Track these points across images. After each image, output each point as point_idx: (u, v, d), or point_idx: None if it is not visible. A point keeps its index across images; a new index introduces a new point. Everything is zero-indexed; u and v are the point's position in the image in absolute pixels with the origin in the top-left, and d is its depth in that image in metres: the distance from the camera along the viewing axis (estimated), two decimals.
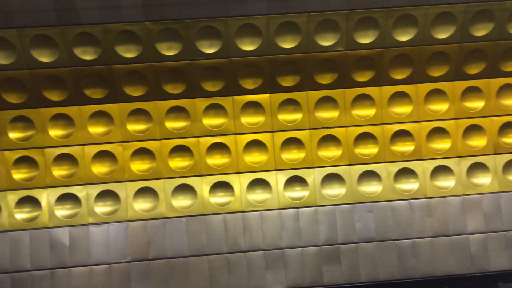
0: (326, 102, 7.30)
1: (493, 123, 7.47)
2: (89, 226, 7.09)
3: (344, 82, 7.23)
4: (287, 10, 6.60)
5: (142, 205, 7.18)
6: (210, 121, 7.25)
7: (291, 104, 7.27)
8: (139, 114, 7.10)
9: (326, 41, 6.89)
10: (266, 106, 7.23)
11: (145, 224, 7.14)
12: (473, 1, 6.81)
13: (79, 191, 7.09)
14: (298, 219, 7.27)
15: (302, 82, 7.17)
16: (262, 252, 7.21)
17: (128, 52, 6.69)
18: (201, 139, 7.21)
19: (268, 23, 6.65)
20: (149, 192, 7.17)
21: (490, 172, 7.44)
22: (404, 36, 6.97)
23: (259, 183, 7.31)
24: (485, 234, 7.36)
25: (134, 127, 7.16)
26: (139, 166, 7.19)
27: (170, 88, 7.04)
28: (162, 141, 7.14)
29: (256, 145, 7.28)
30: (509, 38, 7.13)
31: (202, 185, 7.23)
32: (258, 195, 7.32)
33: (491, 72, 7.36)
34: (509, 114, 7.50)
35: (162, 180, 7.19)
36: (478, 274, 7.36)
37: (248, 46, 6.80)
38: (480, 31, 7.05)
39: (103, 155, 7.10)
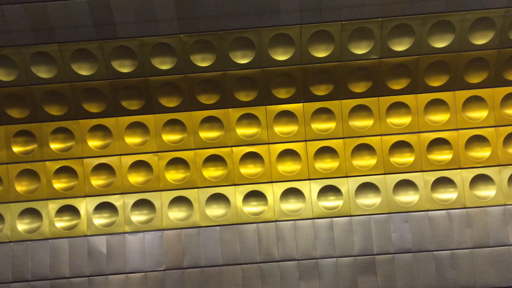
0: (360, 110, 7.46)
1: None
2: (125, 234, 7.49)
3: (379, 90, 7.38)
4: (320, 19, 6.83)
5: (176, 214, 7.53)
6: (244, 131, 7.53)
7: (324, 113, 7.47)
8: (174, 124, 7.45)
9: (360, 49, 7.07)
10: (299, 115, 7.46)
11: (180, 233, 7.50)
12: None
13: (116, 200, 7.51)
14: (332, 229, 7.46)
15: (335, 91, 7.37)
16: (296, 262, 7.42)
17: (164, 64, 7.06)
18: (234, 148, 7.51)
19: (301, 33, 6.90)
20: (183, 201, 7.51)
21: None
22: (440, 43, 7.07)
23: (293, 193, 7.53)
24: None
25: (169, 137, 7.50)
26: (173, 175, 7.54)
27: (204, 99, 7.37)
28: (196, 151, 7.47)
29: (289, 154, 7.51)
30: None
31: (236, 194, 7.54)
32: (292, 205, 7.55)
33: None
34: None
35: (196, 189, 7.52)
36: None
37: (281, 56, 7.05)
38: None
39: (139, 165, 7.49)
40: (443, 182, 7.50)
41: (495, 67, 7.27)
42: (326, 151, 7.52)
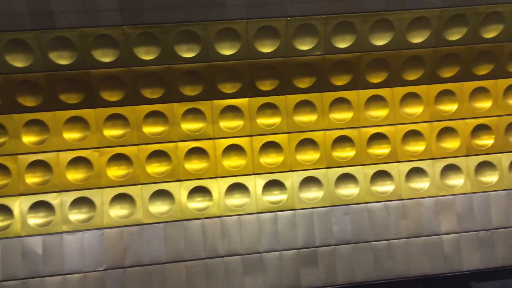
0: (305, 106, 7.80)
1: (466, 126, 8.12)
2: (63, 234, 7.34)
3: (322, 86, 7.74)
4: (266, 14, 7.01)
5: (118, 211, 7.49)
6: (189, 126, 7.62)
7: (270, 108, 7.73)
8: (116, 119, 7.38)
9: (305, 45, 7.36)
10: (245, 110, 7.66)
11: (122, 231, 7.46)
12: (447, 6, 7.39)
13: (53, 199, 7.33)
14: (276, 223, 7.76)
15: (280, 86, 7.64)
16: (240, 256, 7.66)
17: (105, 57, 6.95)
18: (179, 144, 7.58)
19: (247, 27, 7.05)
20: (125, 199, 7.49)
21: (463, 174, 8.10)
22: (380, 41, 7.50)
23: (238, 188, 7.75)
24: (458, 234, 8.01)
25: (111, 132, 7.43)
26: (115, 172, 7.49)
27: (148, 93, 7.37)
28: (139, 146, 7.46)
29: (234, 149, 7.72)
30: (482, 42, 7.77)
31: (180, 190, 7.64)
32: (237, 200, 7.76)
33: (464, 75, 8.01)
34: (481, 116, 8.16)
35: (139, 186, 7.52)
36: (451, 274, 7.99)
37: (227, 50, 7.19)
38: (454, 35, 7.66)
39: (79, 161, 7.36)
40: (381, 175, 8.02)
41: (431, 65, 7.86)
42: (271, 146, 7.80)
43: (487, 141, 8.25)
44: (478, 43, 7.84)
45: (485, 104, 8.24)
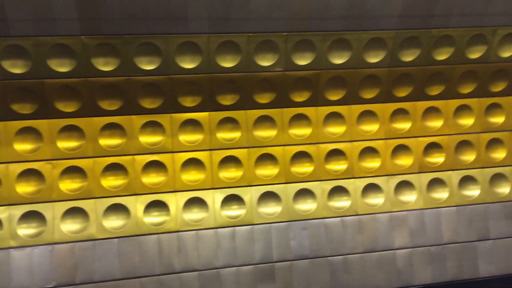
0: (264, 121, 7.83)
1: (418, 144, 8.39)
2: (10, 250, 7.00)
3: (282, 101, 7.81)
4: (227, 30, 7.04)
5: (70, 226, 7.22)
6: (147, 139, 7.49)
7: (230, 123, 7.72)
8: (71, 130, 7.16)
9: (266, 62, 7.42)
10: (204, 124, 7.61)
11: (73, 246, 7.18)
12: (402, 28, 7.65)
13: (1, 212, 6.99)
14: (234, 238, 7.72)
15: (241, 101, 7.66)
16: (197, 272, 7.54)
17: (61, 67, 6.75)
18: (136, 157, 7.43)
19: (208, 42, 7.06)
20: (78, 213, 7.23)
21: (416, 190, 8.34)
22: (339, 59, 7.68)
23: (196, 202, 7.66)
24: (411, 249, 8.22)
25: (65, 144, 7.19)
26: (68, 185, 7.23)
27: (106, 105, 7.19)
28: (95, 159, 7.25)
29: (193, 163, 7.64)
30: (434, 64, 8.07)
31: (137, 204, 7.45)
32: (195, 214, 7.66)
33: (417, 95, 8.28)
34: (433, 135, 8.45)
35: (93, 200, 7.28)
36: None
37: (188, 64, 7.15)
38: (408, 57, 7.92)
39: (30, 174, 7.07)
40: (338, 191, 8.15)
41: (386, 84, 8.12)
42: (230, 161, 7.77)
43: (438, 158, 8.55)
44: (430, 65, 8.15)
45: (436, 123, 8.55)
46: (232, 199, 7.83)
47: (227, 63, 7.32)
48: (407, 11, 7.49)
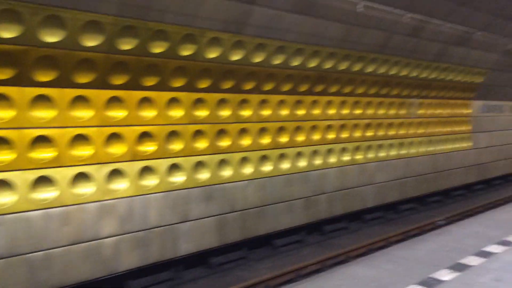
0: None
1: (132, 132, 8.34)
2: None
3: None
4: None
5: None
6: None
7: None
8: None
9: None
10: None
11: None
12: (120, 15, 7.40)
13: None
14: None
15: None
16: None
17: None
18: None
19: None
20: None
21: (127, 178, 8.28)
22: (52, 38, 6.90)
23: None
24: (119, 236, 8.15)
25: None
26: None
27: None
28: None
29: None
30: (150, 55, 8.14)
31: None
32: None
33: (133, 85, 8.21)
34: (147, 124, 8.53)
35: None
36: (109, 276, 8.07)
37: None
38: (126, 45, 7.76)
39: None
40: (43, 181, 7.30)
41: (102, 70, 7.69)
42: None
43: (150, 147, 8.64)
44: (146, 56, 8.15)
45: (150, 113, 8.60)
46: None
47: None
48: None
